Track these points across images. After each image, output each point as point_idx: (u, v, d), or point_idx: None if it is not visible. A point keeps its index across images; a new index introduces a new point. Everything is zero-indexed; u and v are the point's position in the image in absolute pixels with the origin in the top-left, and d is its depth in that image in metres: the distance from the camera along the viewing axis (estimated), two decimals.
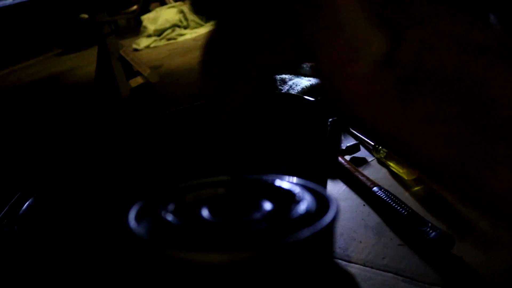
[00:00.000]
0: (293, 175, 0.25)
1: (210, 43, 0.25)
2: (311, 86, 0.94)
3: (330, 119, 0.54)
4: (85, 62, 2.69)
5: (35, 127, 1.57)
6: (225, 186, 0.26)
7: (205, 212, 0.23)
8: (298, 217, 0.22)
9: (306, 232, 0.20)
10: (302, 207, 0.23)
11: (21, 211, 0.65)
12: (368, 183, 0.68)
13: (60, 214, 0.65)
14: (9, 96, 2.33)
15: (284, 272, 0.21)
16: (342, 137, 0.87)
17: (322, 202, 0.23)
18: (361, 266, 0.55)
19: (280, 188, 0.25)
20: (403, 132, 0.16)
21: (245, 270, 0.20)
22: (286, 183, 0.25)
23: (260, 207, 0.23)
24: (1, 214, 0.64)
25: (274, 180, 0.26)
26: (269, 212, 0.23)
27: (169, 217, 0.22)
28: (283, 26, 0.20)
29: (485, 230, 0.56)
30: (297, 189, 0.24)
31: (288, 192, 0.24)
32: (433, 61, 0.15)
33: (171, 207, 0.24)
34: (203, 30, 2.58)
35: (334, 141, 0.49)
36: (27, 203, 0.65)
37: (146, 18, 2.76)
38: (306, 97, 0.62)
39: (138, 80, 1.71)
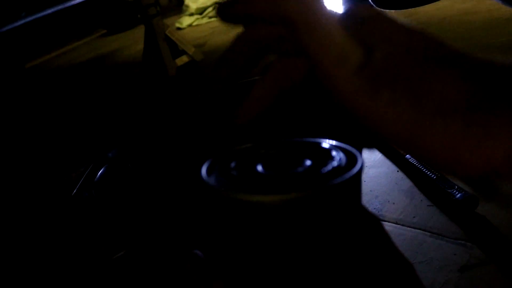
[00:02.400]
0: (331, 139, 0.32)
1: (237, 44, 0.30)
2: None
3: None
4: (130, 42, 2.80)
5: (95, 105, 1.69)
6: (275, 147, 0.33)
7: (259, 167, 0.30)
8: (332, 169, 0.29)
9: (338, 180, 0.27)
10: (335, 162, 0.30)
11: (96, 179, 0.75)
12: (401, 151, 0.74)
13: (128, 180, 0.74)
14: (64, 76, 2.47)
15: (324, 212, 0.28)
16: None
17: (352, 158, 0.30)
18: (394, 224, 0.62)
19: (318, 148, 0.32)
20: (373, 113, 0.24)
21: (293, 209, 0.26)
22: (324, 144, 0.32)
23: (302, 162, 0.30)
24: (80, 182, 0.75)
25: (314, 142, 0.32)
26: (310, 166, 0.30)
27: (232, 171, 0.30)
28: (292, 50, 0.28)
29: (507, 192, 0.62)
30: (332, 149, 0.31)
31: (325, 151, 0.31)
32: (393, 67, 0.24)
33: (233, 164, 0.31)
34: None
35: None
36: (99, 172, 0.76)
37: None
38: None
39: (184, 59, 1.79)
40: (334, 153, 0.31)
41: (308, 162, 0.30)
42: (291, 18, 0.25)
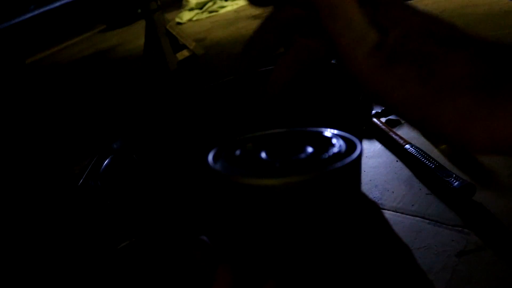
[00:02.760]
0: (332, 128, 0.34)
1: (266, 25, 0.32)
2: None
3: None
4: (130, 37, 2.81)
5: (97, 98, 1.70)
6: (277, 136, 0.34)
7: (263, 154, 0.31)
8: (333, 155, 0.30)
9: (338, 164, 0.29)
10: (336, 149, 0.31)
11: (101, 170, 0.76)
12: (401, 141, 0.75)
13: (133, 171, 0.76)
14: (65, 71, 2.48)
15: (325, 196, 0.29)
16: None
17: (351, 145, 0.31)
18: (393, 212, 0.64)
19: (319, 136, 0.33)
20: (386, 89, 0.25)
21: (295, 192, 0.28)
22: (325, 133, 0.33)
23: (305, 150, 0.32)
24: (87, 172, 0.76)
25: (315, 130, 0.34)
26: (312, 153, 0.31)
27: (237, 158, 0.31)
28: (313, 29, 0.30)
29: (503, 180, 0.63)
30: (332, 137, 0.33)
31: (326, 139, 0.33)
32: (405, 46, 0.26)
33: (237, 152, 0.32)
34: (244, 1, 2.64)
35: (367, 104, 0.57)
36: (105, 162, 0.77)
37: None
38: None
39: (184, 53, 1.80)
40: (334, 140, 0.32)
41: (310, 149, 0.32)
42: (315, 1, 0.27)
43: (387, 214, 0.64)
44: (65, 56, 2.97)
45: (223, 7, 2.64)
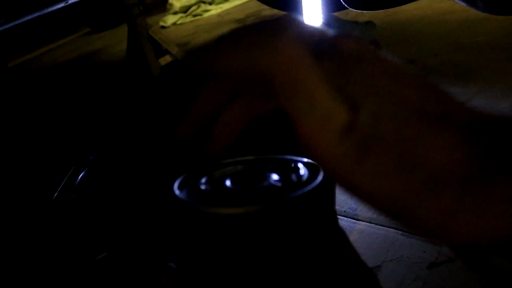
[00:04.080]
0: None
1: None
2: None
3: None
4: (114, 41, 2.79)
5: (76, 105, 1.69)
6: (243, 164, 0.35)
7: (228, 182, 0.32)
8: (295, 183, 0.31)
9: (297, 193, 0.29)
10: (299, 177, 0.31)
11: (76, 182, 0.76)
12: None
13: (108, 183, 0.75)
14: (47, 75, 2.46)
15: (288, 222, 0.29)
16: None
17: (315, 172, 0.32)
18: (367, 223, 0.64)
19: (283, 163, 0.34)
20: (359, 182, 0.22)
21: (256, 220, 0.28)
22: (288, 160, 0.34)
23: (268, 177, 0.32)
24: (62, 185, 0.75)
25: (279, 158, 0.34)
26: (275, 181, 0.32)
27: (202, 186, 0.32)
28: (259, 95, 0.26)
29: None
30: (296, 164, 0.33)
31: (291, 166, 0.33)
32: (382, 128, 0.21)
33: (203, 179, 0.33)
34: (228, 5, 2.64)
35: None
36: (81, 175, 0.76)
37: None
38: None
39: (167, 58, 1.80)
40: (298, 168, 0.32)
41: (275, 177, 0.32)
42: (268, 76, 0.23)
43: (362, 225, 0.64)
44: (48, 60, 2.95)
45: (207, 11, 2.63)
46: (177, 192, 0.31)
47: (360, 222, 0.65)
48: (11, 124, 1.69)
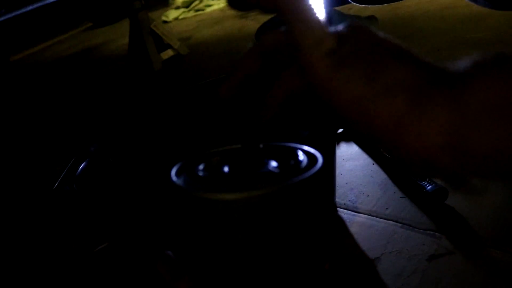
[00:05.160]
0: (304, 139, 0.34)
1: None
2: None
3: None
4: (116, 36, 2.79)
5: (80, 98, 1.69)
6: (241, 151, 0.34)
7: (226, 169, 0.32)
8: (294, 170, 0.30)
9: (297, 179, 0.29)
10: (299, 163, 0.31)
11: (77, 173, 0.76)
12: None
13: (109, 174, 0.75)
14: (49, 69, 2.46)
15: (287, 209, 0.29)
16: None
17: (313, 160, 0.32)
18: (367, 216, 0.64)
19: (282, 151, 0.33)
20: (335, 87, 0.28)
21: (255, 206, 0.28)
22: (288, 147, 0.34)
23: (267, 164, 0.32)
24: (62, 176, 0.76)
25: (278, 145, 0.34)
26: (273, 167, 0.31)
27: (199, 173, 0.31)
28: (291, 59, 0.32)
29: (475, 184, 0.64)
30: (295, 151, 0.33)
31: (290, 154, 0.33)
32: (356, 54, 0.28)
33: (202, 166, 0.33)
34: None
35: None
36: (81, 166, 0.76)
37: None
38: None
39: (169, 52, 1.80)
40: (297, 155, 0.32)
41: (273, 164, 0.32)
42: (281, 7, 0.30)
43: (362, 217, 0.64)
44: (50, 54, 2.94)
45: (209, 5, 2.63)
46: (174, 178, 0.31)
47: (360, 214, 0.65)
48: (13, 117, 1.69)
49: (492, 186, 0.62)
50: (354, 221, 0.64)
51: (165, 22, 2.63)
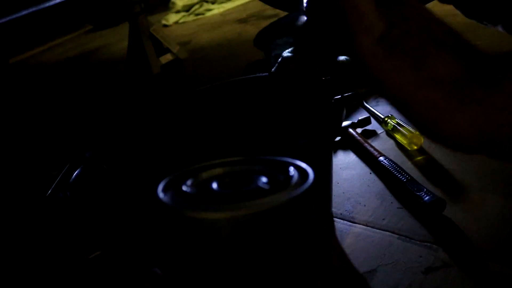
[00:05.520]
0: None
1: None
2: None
3: (336, 97, 0.61)
4: (116, 39, 2.78)
5: (75, 103, 1.68)
6: (231, 165, 0.34)
7: (214, 185, 0.31)
8: (284, 187, 0.29)
9: (285, 197, 0.28)
10: (287, 180, 0.30)
11: (71, 180, 0.75)
12: (375, 153, 0.75)
13: (103, 182, 0.75)
14: (48, 72, 2.45)
15: (277, 229, 0.28)
16: (356, 111, 0.94)
17: (304, 175, 0.31)
18: (364, 226, 0.63)
19: (273, 165, 0.32)
20: (382, 73, 0.31)
21: (243, 225, 0.27)
22: (278, 162, 0.33)
23: (256, 180, 0.31)
24: (56, 182, 0.75)
25: (268, 159, 0.33)
26: (263, 183, 0.30)
27: (187, 189, 0.30)
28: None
29: (474, 195, 0.63)
30: (286, 167, 0.32)
31: (279, 168, 0.32)
32: (406, 41, 0.31)
33: (189, 181, 0.32)
34: (230, 5, 2.63)
35: (336, 117, 0.56)
36: (75, 172, 0.76)
37: None
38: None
39: (168, 57, 1.79)
40: (288, 170, 0.31)
41: (263, 180, 0.31)
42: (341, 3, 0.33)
43: (358, 228, 0.63)
44: (49, 56, 2.94)
45: (209, 10, 2.63)
46: (161, 195, 0.30)
47: (356, 225, 0.64)
48: (10, 119, 1.69)
49: (490, 198, 0.62)
50: (350, 232, 0.63)
51: (165, 25, 2.63)
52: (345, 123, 0.86)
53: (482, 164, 0.69)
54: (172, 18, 2.66)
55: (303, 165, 0.31)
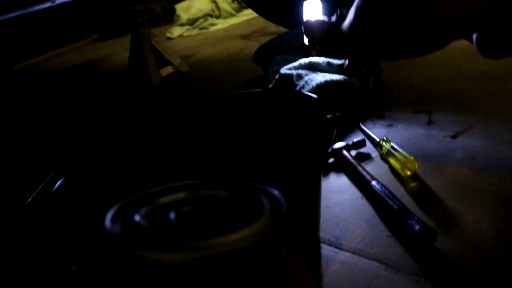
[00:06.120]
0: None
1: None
2: (325, 82, 0.98)
3: (328, 116, 0.59)
4: (121, 49, 2.78)
5: (69, 111, 1.67)
6: (194, 188, 0.29)
7: (172, 215, 0.27)
8: (251, 220, 0.25)
9: (252, 236, 0.23)
10: (256, 211, 0.26)
11: (53, 189, 0.73)
12: (368, 177, 0.72)
13: (88, 193, 0.72)
14: (50, 80, 2.45)
15: (241, 272, 0.24)
16: (351, 132, 0.92)
17: (276, 205, 0.27)
18: (351, 254, 0.61)
19: (240, 191, 0.29)
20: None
21: (198, 270, 0.23)
22: (247, 187, 0.29)
23: (218, 209, 0.27)
24: (37, 191, 0.73)
25: (237, 184, 0.29)
26: (227, 215, 0.26)
27: (139, 219, 0.26)
28: None
29: (468, 224, 0.61)
30: (255, 194, 0.28)
31: (247, 196, 0.28)
32: None
33: (143, 210, 0.27)
34: (234, 20, 2.63)
35: (327, 138, 0.54)
36: (59, 182, 0.73)
37: (180, 7, 2.82)
38: (309, 94, 0.67)
39: (169, 69, 1.78)
40: (258, 199, 0.27)
41: (228, 209, 0.27)
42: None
43: (345, 255, 0.61)
44: (53, 64, 2.94)
45: (214, 24, 2.63)
46: (109, 224, 0.26)
47: (344, 252, 0.61)
48: (8, 124, 1.67)
49: (484, 230, 0.59)
50: (337, 259, 0.60)
51: (169, 38, 2.63)
52: (339, 145, 0.84)
53: (477, 194, 0.66)
54: (176, 31, 2.66)
55: (276, 192, 0.28)
